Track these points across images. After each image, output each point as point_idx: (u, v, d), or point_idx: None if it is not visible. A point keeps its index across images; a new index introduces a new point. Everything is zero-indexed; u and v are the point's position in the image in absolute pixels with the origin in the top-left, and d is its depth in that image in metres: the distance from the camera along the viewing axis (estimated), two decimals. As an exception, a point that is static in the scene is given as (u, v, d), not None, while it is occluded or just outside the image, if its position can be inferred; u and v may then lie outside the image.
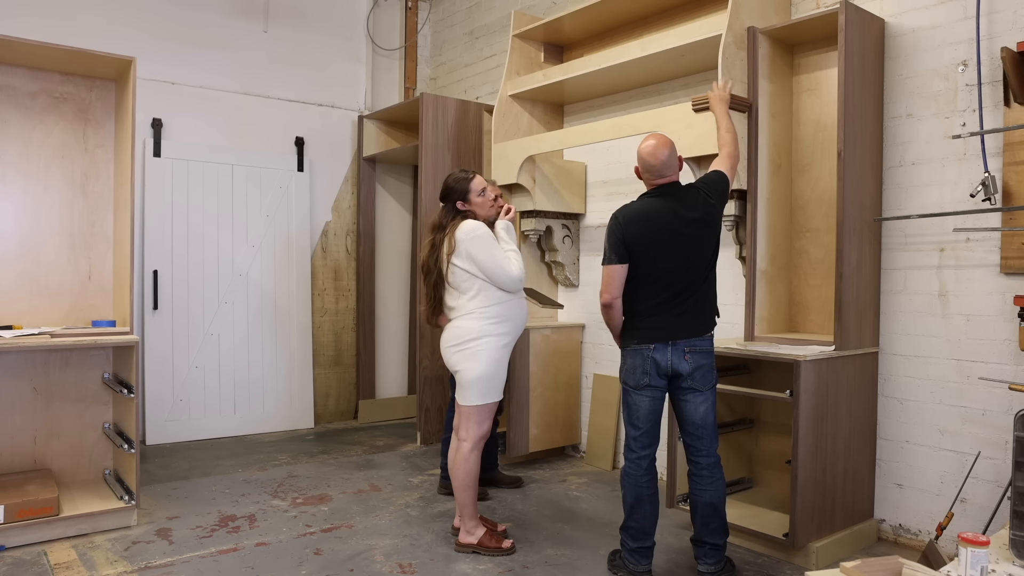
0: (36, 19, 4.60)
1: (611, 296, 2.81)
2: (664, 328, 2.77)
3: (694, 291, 2.79)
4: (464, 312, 3.06)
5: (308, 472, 4.39)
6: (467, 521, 3.17)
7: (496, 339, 3.05)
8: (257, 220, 5.43)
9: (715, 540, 2.84)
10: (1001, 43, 2.92)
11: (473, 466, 3.12)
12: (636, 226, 2.75)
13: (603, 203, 4.68)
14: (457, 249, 3.01)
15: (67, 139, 3.87)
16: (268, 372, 5.45)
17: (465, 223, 3.05)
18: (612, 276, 2.79)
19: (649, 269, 2.76)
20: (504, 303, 3.07)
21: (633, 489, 2.85)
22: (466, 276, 3.03)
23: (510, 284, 3.05)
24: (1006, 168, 2.94)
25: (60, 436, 3.76)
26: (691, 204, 2.78)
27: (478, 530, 3.17)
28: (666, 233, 2.74)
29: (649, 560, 2.87)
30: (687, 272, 2.76)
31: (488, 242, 3.04)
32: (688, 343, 2.77)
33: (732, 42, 3.35)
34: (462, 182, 3.13)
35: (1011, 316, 2.94)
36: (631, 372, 2.83)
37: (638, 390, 2.82)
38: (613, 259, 2.78)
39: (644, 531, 2.85)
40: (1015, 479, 2.37)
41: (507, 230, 3.17)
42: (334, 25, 5.90)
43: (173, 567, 2.99)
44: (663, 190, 2.81)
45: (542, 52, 4.78)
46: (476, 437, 3.11)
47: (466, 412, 3.10)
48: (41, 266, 3.82)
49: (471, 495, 3.15)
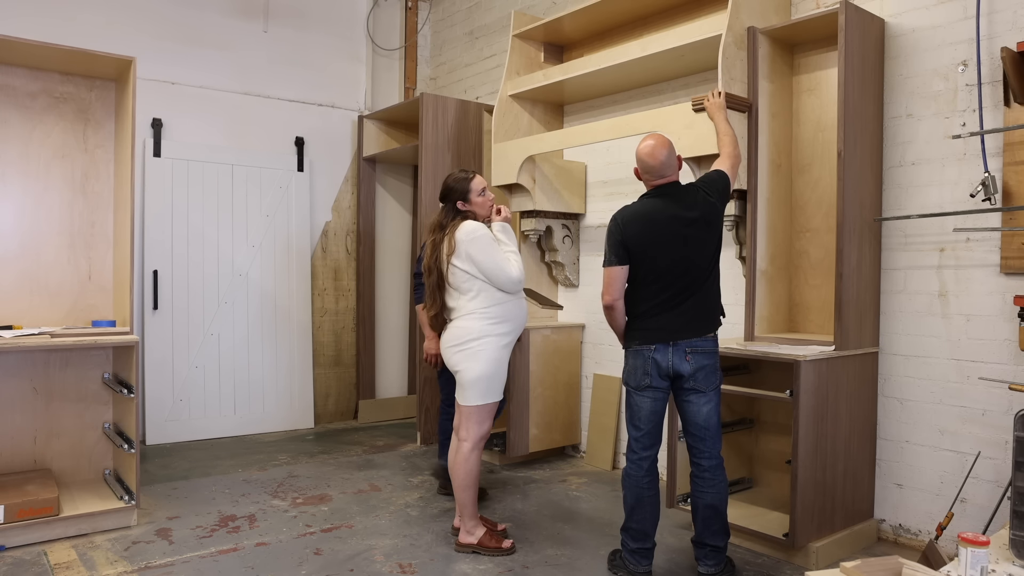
0: (36, 19, 4.60)
1: (612, 298, 2.81)
2: (664, 328, 2.76)
3: (695, 291, 2.78)
4: (464, 313, 3.06)
5: (308, 472, 4.39)
6: (467, 521, 3.16)
7: (496, 339, 3.05)
8: (257, 220, 5.43)
9: (716, 542, 2.84)
10: (1001, 43, 2.92)
11: (474, 466, 3.12)
12: (635, 227, 2.76)
13: (603, 203, 4.68)
14: (457, 250, 3.01)
15: (67, 139, 3.87)
16: (268, 372, 5.45)
17: (465, 224, 3.05)
18: (613, 278, 2.79)
19: (649, 269, 2.76)
20: (504, 304, 3.07)
21: (634, 490, 2.85)
22: (466, 277, 3.03)
23: (510, 285, 3.05)
24: (1006, 168, 2.94)
25: (60, 436, 3.76)
26: (691, 203, 2.78)
27: (478, 530, 3.17)
28: (666, 233, 2.74)
29: (649, 561, 2.87)
30: (687, 272, 2.76)
31: (488, 243, 3.03)
32: (690, 344, 2.76)
33: (732, 42, 3.35)
34: (462, 182, 3.13)
35: (1011, 316, 2.94)
36: (632, 373, 2.83)
37: (639, 391, 2.81)
38: (613, 261, 2.78)
39: (644, 532, 2.85)
40: (1015, 479, 2.37)
41: (504, 231, 3.15)
42: (334, 25, 5.90)
43: (173, 567, 2.99)
44: (663, 190, 2.81)
45: (542, 52, 4.78)
46: (476, 437, 3.11)
47: (466, 412, 3.10)
48: (41, 266, 3.82)
49: (471, 495, 3.15)
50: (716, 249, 2.83)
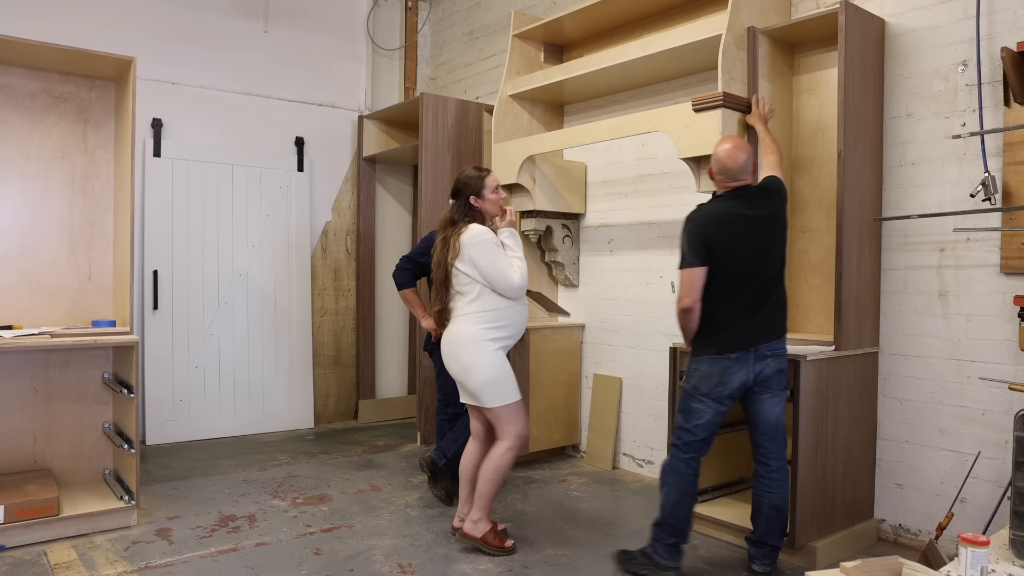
0: (36, 19, 4.60)
1: (692, 300, 2.73)
2: (745, 334, 2.73)
3: (770, 293, 2.77)
4: (462, 314, 3.08)
5: (308, 472, 4.39)
6: (477, 511, 3.14)
7: (489, 343, 3.04)
8: (257, 220, 5.43)
9: (777, 542, 2.84)
10: (1001, 43, 2.92)
11: (505, 464, 3.09)
12: (714, 227, 2.73)
13: (603, 203, 4.68)
14: (460, 254, 3.04)
15: (67, 139, 3.87)
16: (268, 372, 5.45)
17: (471, 227, 3.07)
18: (693, 279, 2.73)
19: (727, 272, 2.72)
20: (503, 308, 3.07)
21: (678, 487, 2.83)
22: (467, 280, 3.05)
23: (511, 291, 3.04)
24: (1006, 168, 2.94)
25: (60, 436, 3.76)
26: (764, 207, 2.79)
27: (484, 524, 3.15)
28: (744, 236, 2.73)
29: (681, 558, 2.86)
30: (763, 273, 2.75)
31: (491, 248, 3.04)
32: (769, 347, 2.75)
33: (732, 42, 3.35)
34: (476, 179, 3.14)
35: (1011, 316, 2.94)
36: (706, 379, 2.77)
37: (709, 398, 2.77)
38: (695, 262, 2.72)
39: (681, 529, 2.84)
40: (1015, 479, 2.37)
41: (512, 236, 3.15)
42: (334, 25, 5.90)
43: (173, 567, 2.99)
44: (739, 192, 2.80)
45: (542, 52, 4.78)
46: (513, 436, 3.08)
47: (492, 416, 3.09)
48: (41, 266, 3.82)
49: (493, 489, 3.13)
50: (784, 251, 2.84)
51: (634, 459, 4.49)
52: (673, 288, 4.25)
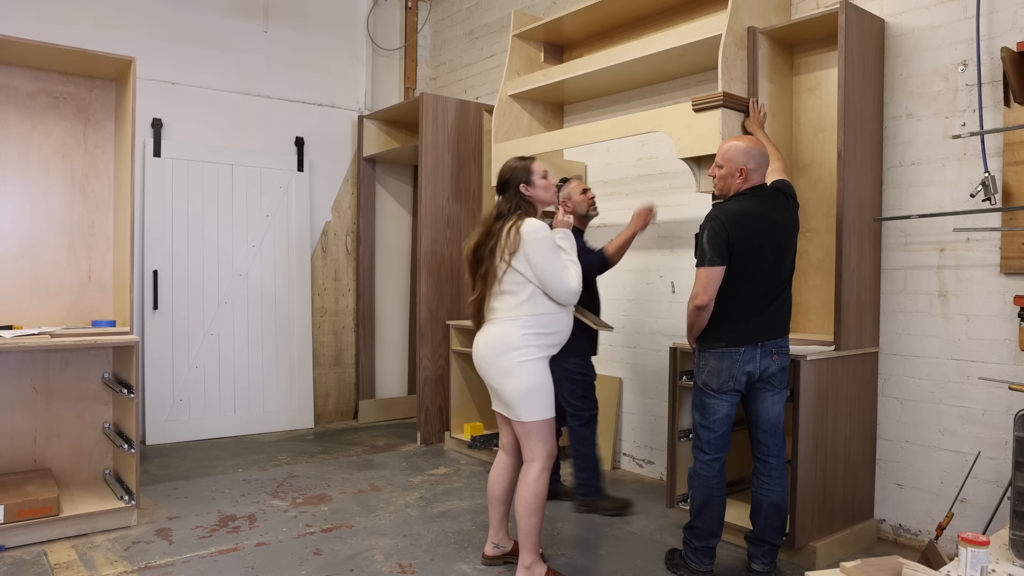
0: (36, 19, 4.60)
1: (708, 298, 2.71)
2: (754, 330, 2.74)
3: (780, 291, 2.79)
4: (507, 317, 2.73)
5: (308, 472, 4.38)
6: (528, 554, 2.75)
7: (536, 350, 2.72)
8: (257, 220, 5.43)
9: (776, 540, 2.85)
10: (1001, 43, 2.92)
11: (543, 489, 2.74)
12: (737, 226, 2.71)
13: (603, 203, 4.66)
14: (519, 249, 2.69)
15: (67, 139, 3.87)
16: (268, 372, 5.45)
17: (530, 221, 2.73)
18: (712, 278, 2.71)
19: (747, 270, 2.72)
20: (554, 314, 2.76)
21: (703, 490, 2.83)
22: (520, 280, 2.71)
23: (565, 296, 2.73)
24: (1006, 168, 2.94)
25: (60, 436, 3.76)
26: (781, 207, 2.80)
27: (539, 568, 2.76)
28: (766, 234, 2.73)
29: (712, 560, 2.87)
30: (777, 274, 2.77)
31: (550, 247, 2.72)
32: (775, 344, 2.77)
33: (732, 42, 3.35)
34: (521, 170, 2.85)
35: (1011, 316, 2.94)
36: (715, 374, 2.78)
37: (721, 393, 2.78)
38: (716, 260, 2.69)
39: (711, 531, 2.84)
40: (1015, 479, 2.37)
41: (567, 238, 2.86)
42: (334, 25, 5.90)
43: (173, 567, 2.99)
44: (757, 191, 2.79)
45: (542, 52, 4.77)
46: (544, 456, 2.75)
47: (523, 431, 2.74)
48: (41, 266, 3.82)
49: (537, 522, 2.75)
50: (795, 254, 2.86)
51: (634, 459, 4.49)
52: (673, 288, 4.25)
